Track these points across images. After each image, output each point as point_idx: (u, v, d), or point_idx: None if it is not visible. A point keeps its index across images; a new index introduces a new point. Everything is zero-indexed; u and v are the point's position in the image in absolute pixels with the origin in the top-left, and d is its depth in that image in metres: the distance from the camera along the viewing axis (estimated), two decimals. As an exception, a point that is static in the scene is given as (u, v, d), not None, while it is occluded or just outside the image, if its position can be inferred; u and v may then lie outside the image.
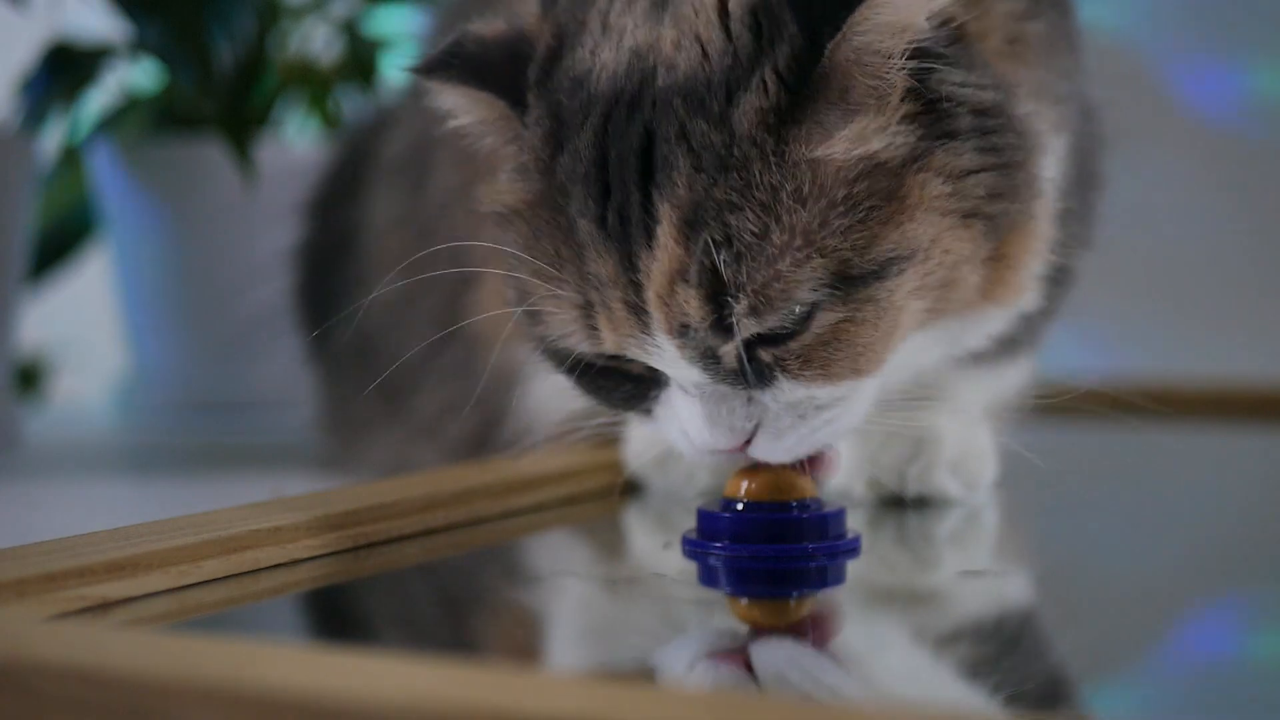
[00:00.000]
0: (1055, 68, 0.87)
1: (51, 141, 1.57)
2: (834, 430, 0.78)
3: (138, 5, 1.34)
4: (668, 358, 0.75)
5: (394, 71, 1.55)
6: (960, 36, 0.78)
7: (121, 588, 0.71)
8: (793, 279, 0.72)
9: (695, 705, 0.51)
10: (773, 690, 0.61)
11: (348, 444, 1.20)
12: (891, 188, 0.74)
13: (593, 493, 0.97)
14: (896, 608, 0.77)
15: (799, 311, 0.73)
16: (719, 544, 0.80)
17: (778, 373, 0.75)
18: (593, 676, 0.63)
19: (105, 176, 1.57)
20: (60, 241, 1.64)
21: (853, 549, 0.81)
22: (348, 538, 0.82)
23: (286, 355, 1.31)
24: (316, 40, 1.63)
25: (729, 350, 0.74)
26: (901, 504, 0.94)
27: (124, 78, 1.60)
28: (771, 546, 0.80)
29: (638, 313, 0.75)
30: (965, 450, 0.94)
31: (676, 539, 0.83)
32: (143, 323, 1.62)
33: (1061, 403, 0.87)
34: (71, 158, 1.63)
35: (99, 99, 1.59)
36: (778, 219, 0.72)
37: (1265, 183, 1.66)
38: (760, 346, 0.74)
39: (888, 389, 0.81)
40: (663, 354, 0.75)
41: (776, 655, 0.66)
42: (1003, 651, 0.69)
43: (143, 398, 1.63)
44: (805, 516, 0.80)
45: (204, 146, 1.50)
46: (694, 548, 0.81)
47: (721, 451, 0.78)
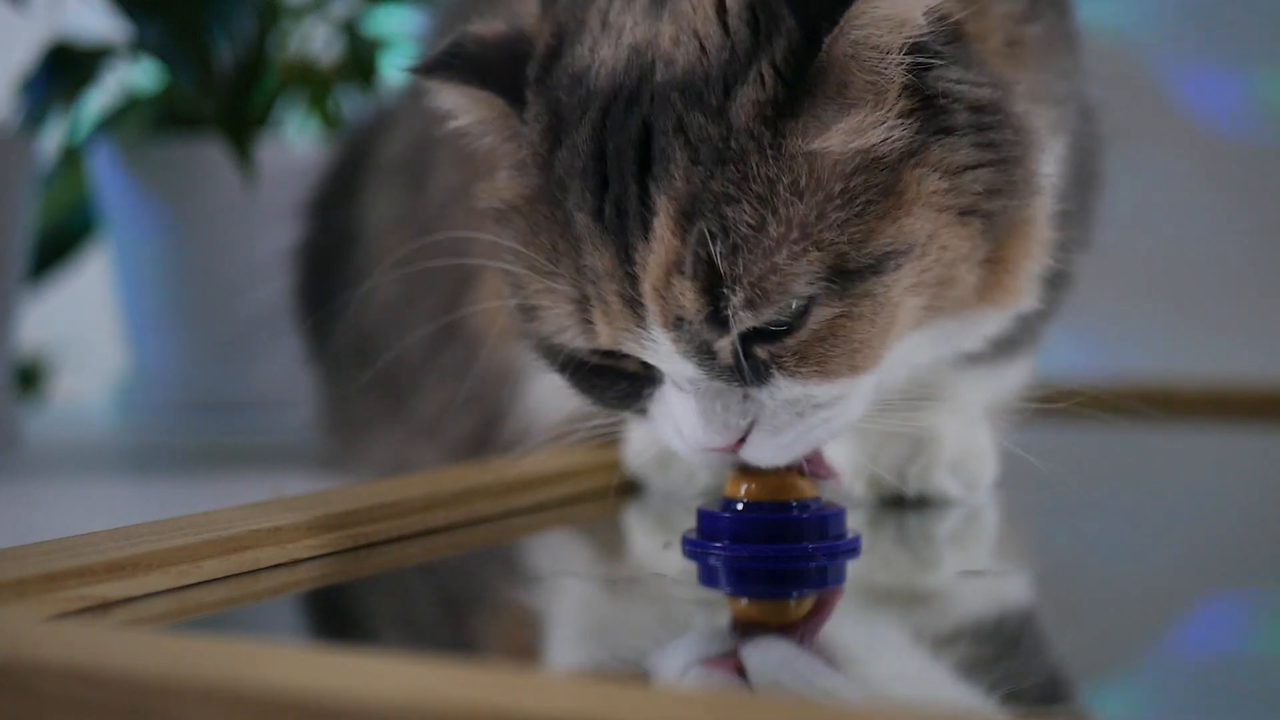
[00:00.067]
0: (1054, 69, 0.87)
1: (51, 141, 1.57)
2: (830, 429, 0.77)
3: (138, 5, 1.34)
4: (662, 352, 0.75)
5: (394, 71, 1.55)
6: (958, 35, 0.78)
7: (121, 588, 0.71)
8: (789, 272, 0.72)
9: (695, 705, 0.51)
10: (772, 690, 0.61)
11: (348, 444, 1.20)
12: (888, 182, 0.73)
13: (592, 493, 0.97)
14: (896, 608, 0.77)
15: (795, 306, 0.73)
16: (719, 544, 0.80)
17: (774, 370, 0.74)
18: (592, 676, 0.63)
19: (105, 176, 1.57)
20: (60, 241, 1.64)
21: (853, 549, 0.81)
22: (348, 538, 0.82)
23: (286, 355, 1.31)
24: (316, 40, 1.63)
25: (724, 345, 0.74)
26: (901, 504, 0.94)
27: (124, 78, 1.60)
28: (771, 546, 0.80)
29: (633, 306, 0.75)
30: (965, 450, 0.94)
31: (676, 539, 0.83)
32: (143, 323, 1.62)
33: (1062, 406, 0.87)
34: (71, 158, 1.63)
35: (99, 99, 1.59)
36: (774, 211, 0.72)
37: (1265, 184, 1.66)
38: (756, 344, 0.74)
39: (885, 389, 0.80)
40: (657, 348, 0.75)
41: (776, 655, 0.66)
42: (1002, 651, 0.69)
43: (143, 398, 1.63)
44: (805, 516, 0.80)
45: (204, 146, 1.50)
46: (694, 548, 0.81)
47: (715, 450, 0.77)
